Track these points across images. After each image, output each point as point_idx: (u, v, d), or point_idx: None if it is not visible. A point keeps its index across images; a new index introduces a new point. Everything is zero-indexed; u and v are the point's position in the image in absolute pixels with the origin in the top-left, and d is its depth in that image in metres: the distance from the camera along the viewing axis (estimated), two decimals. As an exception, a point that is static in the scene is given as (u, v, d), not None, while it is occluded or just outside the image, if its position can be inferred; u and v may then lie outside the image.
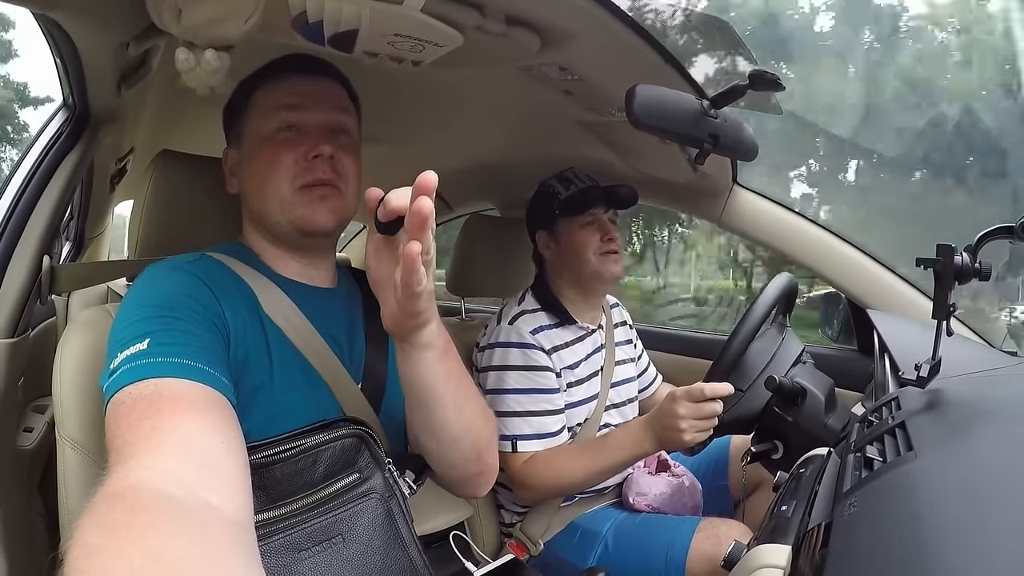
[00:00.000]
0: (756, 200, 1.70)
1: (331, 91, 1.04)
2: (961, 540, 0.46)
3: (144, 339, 0.77)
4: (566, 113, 1.41)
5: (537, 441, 1.46)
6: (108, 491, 0.60)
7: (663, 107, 0.94)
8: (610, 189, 1.60)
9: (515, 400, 1.47)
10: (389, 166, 2.16)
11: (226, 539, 0.59)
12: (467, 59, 1.01)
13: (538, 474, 1.44)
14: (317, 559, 0.85)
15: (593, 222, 1.58)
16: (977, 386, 0.86)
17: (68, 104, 1.34)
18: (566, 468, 1.43)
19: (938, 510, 0.51)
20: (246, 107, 1.04)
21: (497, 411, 1.46)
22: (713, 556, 1.30)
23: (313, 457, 0.88)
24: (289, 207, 0.98)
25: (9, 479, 1.32)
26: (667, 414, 1.30)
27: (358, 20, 0.85)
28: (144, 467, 0.64)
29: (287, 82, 1.01)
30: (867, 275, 1.60)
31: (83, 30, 1.00)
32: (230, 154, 1.08)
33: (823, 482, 0.75)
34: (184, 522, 0.58)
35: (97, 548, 0.52)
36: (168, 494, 0.60)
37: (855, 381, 1.57)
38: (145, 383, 0.73)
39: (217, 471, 0.67)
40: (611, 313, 1.76)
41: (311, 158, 0.98)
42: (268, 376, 0.91)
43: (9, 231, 1.28)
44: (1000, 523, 0.47)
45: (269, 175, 0.98)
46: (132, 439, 0.68)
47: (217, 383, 0.77)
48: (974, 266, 0.80)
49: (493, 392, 1.49)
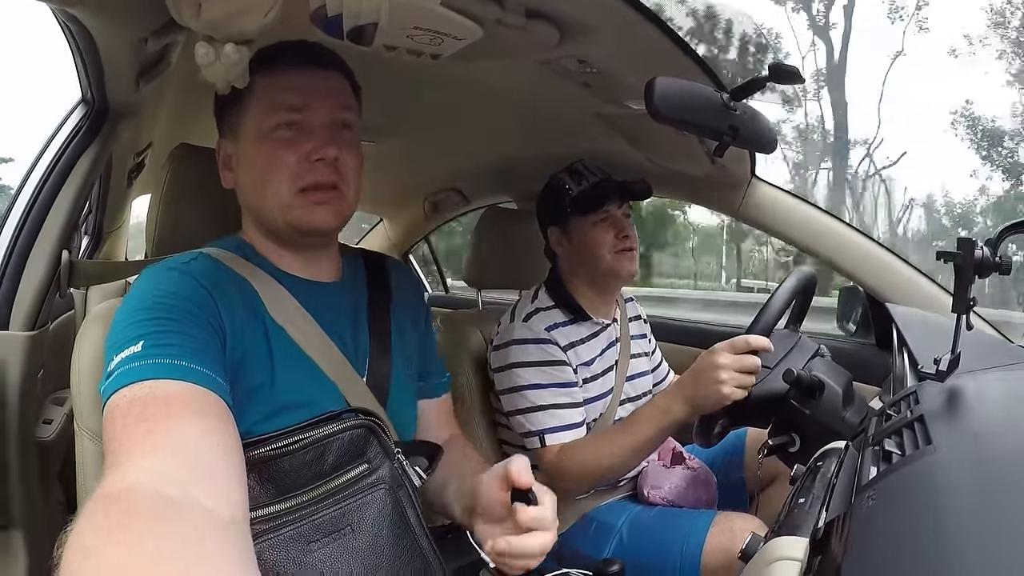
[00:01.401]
0: (774, 193, 1.69)
1: (336, 86, 1.01)
2: (980, 535, 0.46)
3: (138, 341, 0.77)
4: (584, 106, 1.40)
5: (564, 432, 1.45)
6: (104, 493, 0.61)
7: (683, 99, 0.94)
8: (623, 183, 1.57)
9: (536, 395, 1.46)
10: (407, 160, 2.17)
11: (221, 541, 0.60)
12: (486, 52, 1.01)
13: (572, 463, 1.43)
14: (327, 550, 0.85)
15: (607, 219, 1.55)
16: (996, 381, 0.85)
17: (86, 99, 1.35)
18: (599, 452, 1.41)
19: (957, 504, 0.51)
20: (243, 97, 0.97)
21: (518, 408, 1.47)
22: (728, 550, 1.29)
23: (322, 448, 0.88)
24: (288, 209, 0.96)
25: (29, 470, 1.34)
26: (706, 366, 1.26)
27: (378, 14, 0.85)
28: (139, 469, 0.64)
29: (290, 76, 0.97)
30: (886, 268, 1.60)
31: (102, 25, 1.01)
32: (224, 146, 1.03)
33: (841, 475, 0.75)
34: (179, 524, 0.58)
35: (93, 550, 0.53)
36: (163, 496, 0.61)
37: (873, 375, 1.57)
38: (140, 385, 0.73)
39: (212, 472, 0.68)
40: (625, 307, 1.75)
41: (313, 160, 0.95)
42: (269, 375, 0.90)
43: (28, 226, 1.30)
44: (1019, 518, 0.47)
45: (269, 175, 0.95)
46: (128, 441, 0.68)
47: (212, 384, 0.77)
48: (995, 260, 0.79)
49: (512, 391, 1.48)
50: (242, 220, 1.06)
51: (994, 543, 0.45)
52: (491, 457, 1.64)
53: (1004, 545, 0.44)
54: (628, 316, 1.74)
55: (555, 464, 1.44)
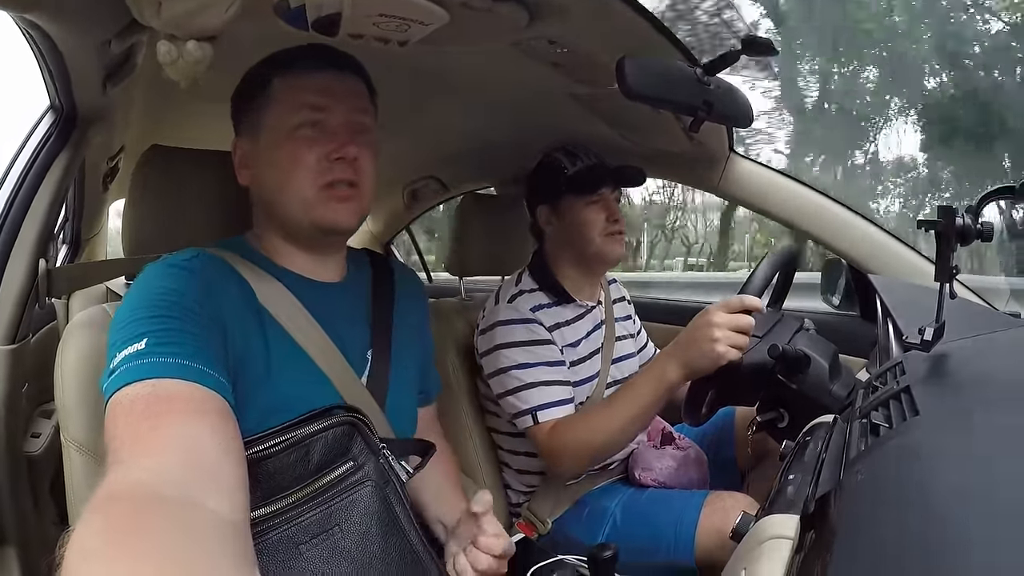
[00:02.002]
0: (753, 167, 1.69)
1: (355, 89, 1.03)
2: (967, 504, 0.46)
3: (142, 339, 0.77)
4: (558, 87, 1.39)
5: (556, 408, 1.44)
6: (105, 492, 0.61)
7: (656, 76, 0.93)
8: (618, 169, 1.58)
9: (525, 373, 1.45)
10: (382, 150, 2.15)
11: (222, 541, 0.60)
12: (454, 37, 1.00)
13: (567, 439, 1.41)
14: (315, 552, 0.85)
15: (600, 201, 1.56)
16: (981, 348, 0.85)
17: (55, 106, 1.33)
18: (595, 425, 1.39)
19: (944, 475, 0.50)
20: (264, 97, 1.00)
21: (508, 389, 1.46)
22: (722, 529, 1.30)
23: (305, 449, 0.87)
24: (311, 207, 0.97)
25: (19, 485, 1.33)
26: (699, 326, 1.24)
27: (340, 2, 0.84)
28: (141, 468, 0.64)
29: (312, 77, 0.99)
30: (868, 239, 1.60)
31: (63, 30, 0.99)
32: (242, 144, 1.05)
33: (829, 450, 0.75)
34: (181, 524, 0.58)
35: (94, 551, 0.53)
36: (165, 496, 0.60)
37: (859, 347, 1.57)
38: (143, 383, 0.73)
39: (214, 472, 0.67)
40: (609, 289, 1.75)
41: (334, 159, 0.97)
42: (265, 373, 0.90)
43: (3, 237, 1.28)
44: (1006, 486, 0.47)
45: (291, 173, 0.97)
46: (129, 440, 0.68)
47: (214, 383, 0.77)
48: (976, 227, 0.79)
49: (500, 372, 1.48)
50: (253, 218, 1.07)
51: (980, 513, 0.45)
52: (480, 443, 1.65)
53: (990, 514, 0.44)
54: (612, 298, 1.74)
55: (549, 442, 1.42)
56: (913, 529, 0.46)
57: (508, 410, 1.48)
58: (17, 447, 1.34)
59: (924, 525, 0.45)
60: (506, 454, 1.63)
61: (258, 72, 1.02)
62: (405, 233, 3.16)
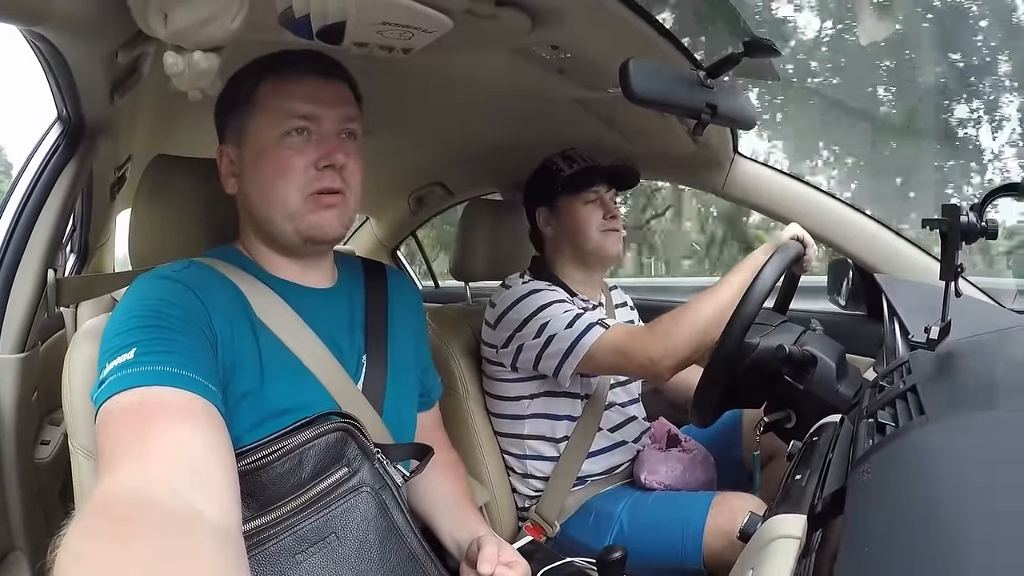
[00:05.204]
0: (758, 169, 1.69)
1: (342, 96, 1.00)
2: (975, 503, 0.46)
3: (130, 349, 0.77)
4: (561, 92, 1.40)
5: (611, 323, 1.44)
6: (97, 499, 0.61)
7: (659, 80, 0.93)
8: (613, 169, 1.60)
9: (565, 315, 1.44)
10: (387, 157, 2.16)
11: (213, 547, 0.60)
12: (457, 43, 1.00)
13: (659, 329, 1.36)
14: (313, 561, 0.85)
15: (596, 199, 1.60)
16: (987, 346, 0.85)
17: (62, 117, 1.34)
18: (682, 320, 1.35)
19: (951, 474, 0.51)
20: (249, 103, 0.97)
21: (567, 345, 1.42)
22: (729, 531, 1.30)
23: (299, 457, 0.87)
24: (297, 217, 0.96)
25: (29, 492, 1.33)
26: (790, 230, 1.40)
27: (345, 12, 0.85)
28: (132, 475, 0.65)
29: (298, 84, 0.96)
30: (873, 239, 1.59)
31: (71, 42, 1.00)
32: (228, 152, 1.02)
33: (836, 449, 0.75)
34: (171, 530, 0.59)
35: (85, 556, 0.53)
36: (156, 502, 0.61)
37: (866, 347, 1.56)
38: (132, 392, 0.73)
39: (204, 478, 0.68)
40: (611, 295, 1.76)
41: (322, 167, 0.96)
42: (258, 381, 0.90)
43: (12, 247, 1.29)
44: (1013, 484, 0.47)
45: (277, 181, 0.95)
46: (120, 448, 0.69)
47: (204, 390, 0.77)
48: (980, 225, 0.79)
49: (538, 337, 1.45)
50: (239, 228, 1.05)
51: (988, 511, 0.45)
52: (487, 447, 1.65)
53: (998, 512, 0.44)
54: (614, 303, 1.75)
55: (629, 338, 1.39)
56: (920, 528, 0.46)
57: (560, 347, 1.43)
58: (27, 455, 1.35)
59: (930, 524, 0.45)
60: (512, 459, 1.63)
61: (241, 77, 1.00)
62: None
